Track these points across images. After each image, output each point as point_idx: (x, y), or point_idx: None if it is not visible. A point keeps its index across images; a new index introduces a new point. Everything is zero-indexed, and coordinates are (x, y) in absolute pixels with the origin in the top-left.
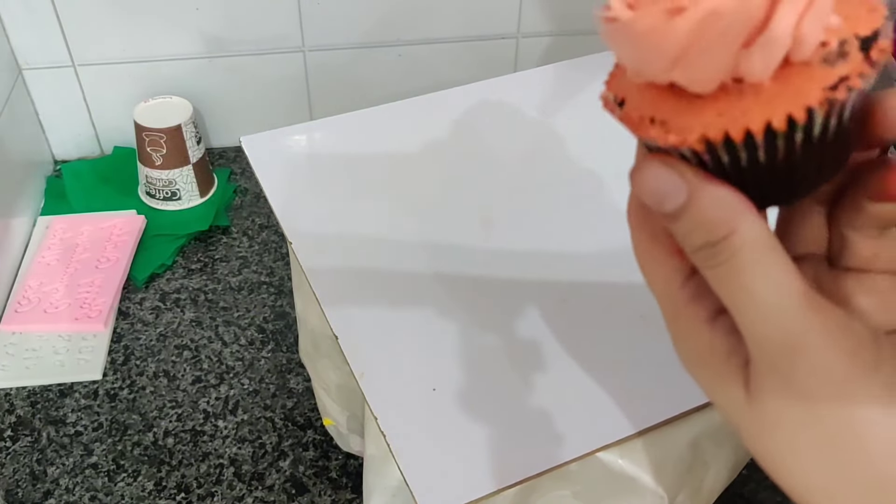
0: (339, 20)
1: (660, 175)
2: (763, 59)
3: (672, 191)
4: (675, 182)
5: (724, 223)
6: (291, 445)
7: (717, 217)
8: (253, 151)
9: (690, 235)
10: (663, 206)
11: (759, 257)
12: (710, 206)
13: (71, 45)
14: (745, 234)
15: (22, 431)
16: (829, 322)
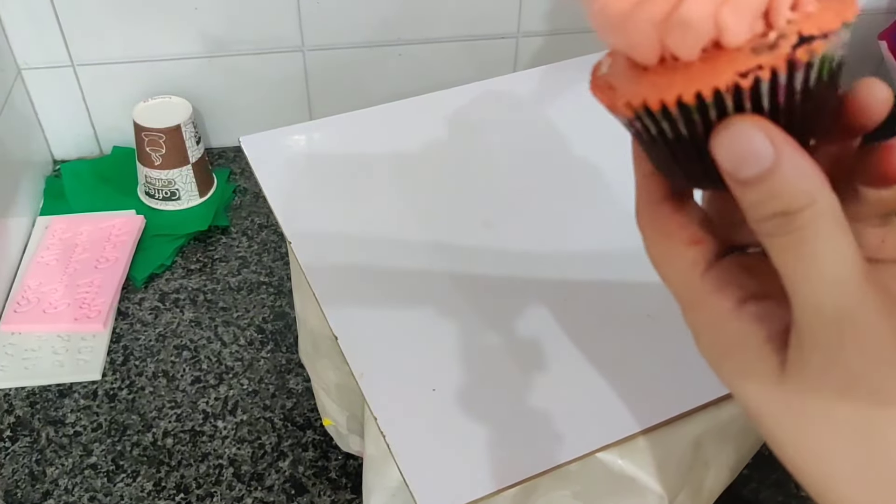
0: (338, 20)
1: (752, 136)
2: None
3: (760, 154)
4: (765, 146)
5: (806, 193)
6: (291, 446)
7: (800, 187)
8: (252, 151)
9: (766, 203)
10: (742, 170)
11: (831, 228)
12: (795, 176)
13: (70, 45)
14: (822, 205)
15: (21, 432)
16: (885, 299)
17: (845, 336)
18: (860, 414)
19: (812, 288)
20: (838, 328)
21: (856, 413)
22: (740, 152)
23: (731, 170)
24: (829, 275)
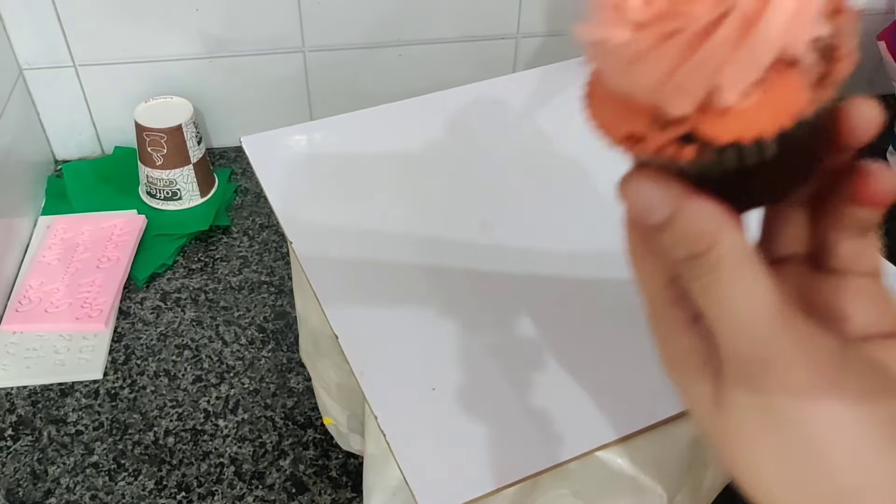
0: (339, 20)
1: (646, 189)
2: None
3: (657, 204)
4: (660, 196)
5: (707, 236)
6: (292, 444)
7: (700, 230)
8: (253, 151)
9: (675, 247)
10: (649, 219)
11: (739, 271)
12: (694, 220)
13: (72, 46)
14: (725, 248)
15: (23, 431)
16: (799, 336)
17: (764, 373)
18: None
19: (728, 330)
20: (758, 367)
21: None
22: (643, 201)
23: (640, 216)
24: (741, 317)
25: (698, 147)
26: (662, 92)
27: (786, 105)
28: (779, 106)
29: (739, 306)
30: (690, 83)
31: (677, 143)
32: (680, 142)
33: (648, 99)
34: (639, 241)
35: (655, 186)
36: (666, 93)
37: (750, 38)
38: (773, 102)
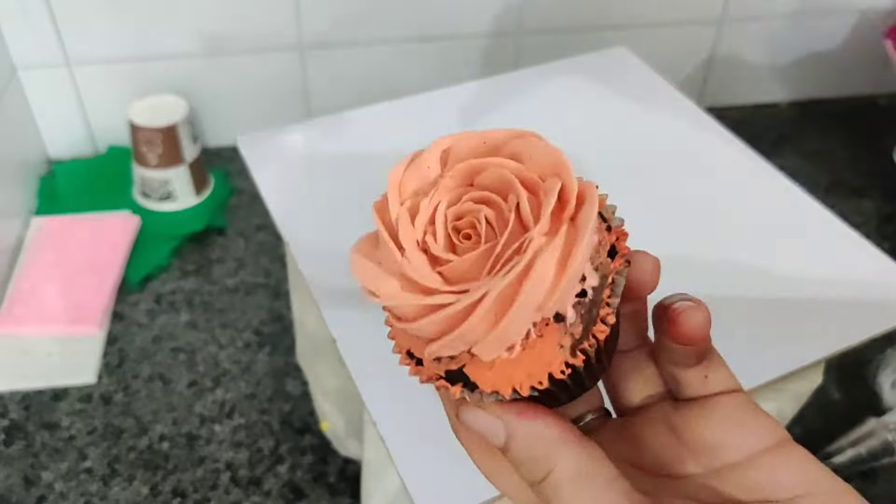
0: (336, 18)
1: (478, 417)
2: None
3: (493, 431)
4: (493, 423)
5: (542, 461)
6: (289, 450)
7: (534, 455)
8: (249, 151)
9: (520, 472)
10: (494, 444)
11: (580, 492)
12: (527, 445)
13: (65, 44)
14: (561, 472)
15: (15, 435)
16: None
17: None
18: None
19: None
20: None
21: None
22: (479, 429)
23: (487, 440)
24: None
25: (465, 387)
26: (427, 348)
27: (545, 362)
28: (538, 363)
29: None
30: (452, 348)
31: (449, 379)
32: (452, 378)
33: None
34: (486, 448)
35: (486, 413)
36: (430, 350)
37: (502, 323)
38: (533, 359)
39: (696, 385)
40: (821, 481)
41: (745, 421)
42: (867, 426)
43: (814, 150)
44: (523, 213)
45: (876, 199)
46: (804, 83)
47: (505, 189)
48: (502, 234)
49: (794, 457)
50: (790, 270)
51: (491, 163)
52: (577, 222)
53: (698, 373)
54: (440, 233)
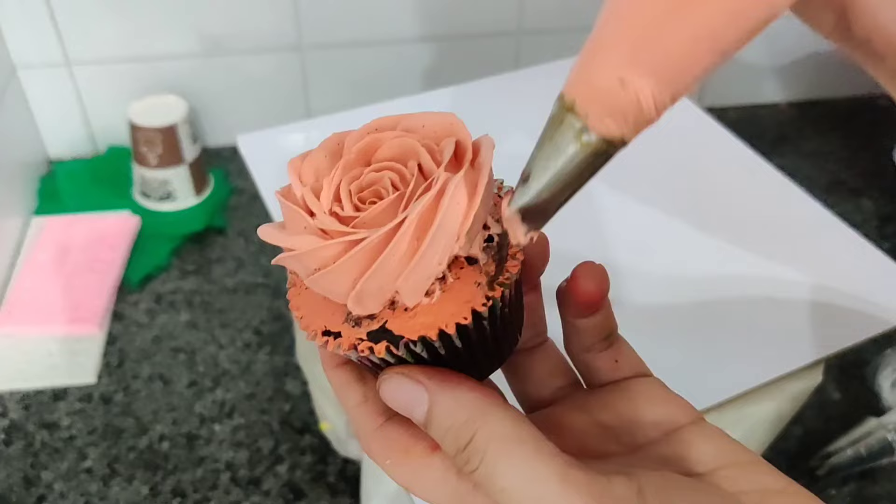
0: (336, 18)
1: (402, 385)
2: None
3: (416, 399)
4: (416, 390)
5: (466, 426)
6: (288, 450)
7: (456, 422)
8: (249, 151)
9: (443, 442)
10: (414, 416)
11: (507, 455)
12: (450, 410)
13: (65, 44)
14: (485, 434)
15: (15, 435)
16: (588, 498)
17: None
18: None
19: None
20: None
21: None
22: (401, 400)
23: (408, 416)
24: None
25: (389, 343)
26: (349, 296)
27: (465, 300)
28: (458, 302)
29: (519, 488)
30: (373, 290)
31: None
32: (375, 337)
33: (338, 300)
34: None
35: (409, 380)
36: (352, 297)
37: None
38: (453, 300)
39: (608, 370)
40: (737, 453)
41: (657, 400)
42: (867, 426)
43: (813, 150)
44: (426, 169)
45: (875, 199)
46: (804, 83)
47: (404, 156)
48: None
49: (710, 432)
50: (789, 270)
51: (385, 137)
52: (476, 164)
53: (609, 357)
54: (346, 202)
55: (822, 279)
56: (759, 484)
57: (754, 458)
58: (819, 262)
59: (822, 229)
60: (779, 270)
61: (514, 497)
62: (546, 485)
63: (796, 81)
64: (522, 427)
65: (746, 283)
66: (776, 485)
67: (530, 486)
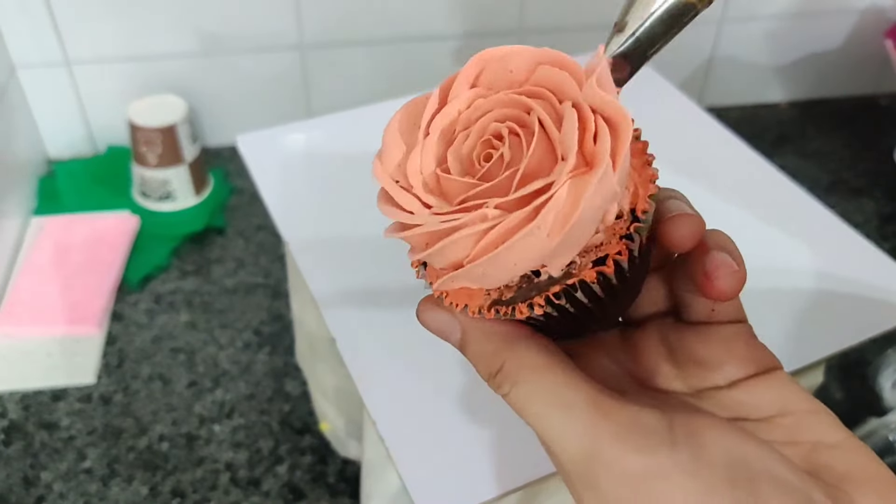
0: (336, 16)
1: (436, 316)
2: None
3: (449, 328)
4: (448, 320)
5: (494, 355)
6: (288, 450)
7: (487, 349)
8: (248, 151)
9: (476, 368)
10: (450, 341)
11: (537, 382)
12: (478, 340)
13: (65, 43)
14: (515, 363)
15: (15, 436)
16: (617, 426)
17: (595, 469)
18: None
19: (547, 440)
20: (586, 465)
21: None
22: (437, 327)
23: (444, 339)
24: (555, 425)
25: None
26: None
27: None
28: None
29: (549, 414)
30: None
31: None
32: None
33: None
34: None
35: (444, 312)
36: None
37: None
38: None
39: (703, 313)
40: (798, 402)
41: (738, 349)
42: (868, 426)
43: (814, 150)
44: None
45: (876, 198)
46: (804, 83)
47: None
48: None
49: (778, 381)
50: (790, 270)
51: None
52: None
53: (707, 303)
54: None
55: (822, 279)
56: (815, 435)
57: (817, 407)
58: (820, 262)
59: (823, 229)
60: (779, 270)
61: (545, 422)
62: (575, 410)
63: (798, 81)
64: (551, 356)
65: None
66: (831, 438)
67: (559, 411)
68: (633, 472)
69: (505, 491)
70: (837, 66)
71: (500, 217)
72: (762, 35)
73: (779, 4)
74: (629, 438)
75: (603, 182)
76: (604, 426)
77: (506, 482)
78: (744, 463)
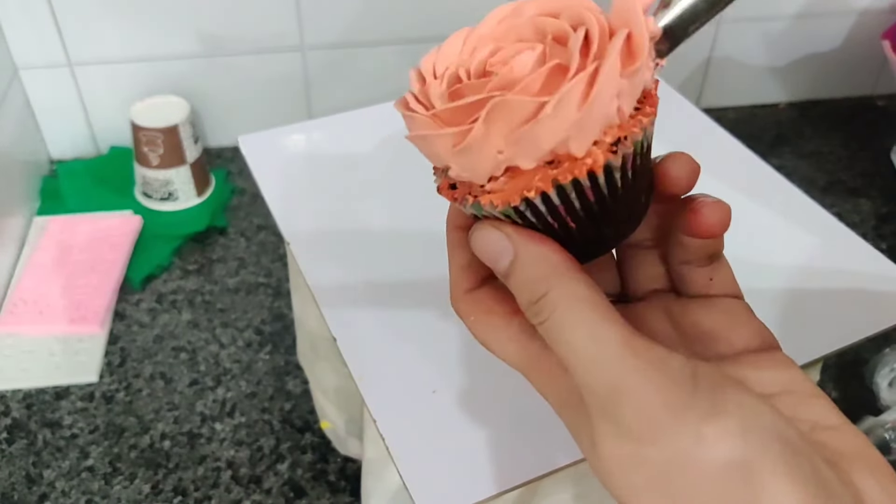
0: (337, 18)
1: (491, 236)
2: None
3: (502, 250)
4: (503, 242)
5: (542, 281)
6: (289, 448)
7: (535, 275)
8: (250, 151)
9: (519, 294)
10: (497, 266)
11: (576, 312)
12: (531, 265)
13: (67, 45)
14: (560, 291)
15: (17, 434)
16: (645, 363)
17: (619, 405)
18: (656, 468)
19: (577, 367)
20: (610, 400)
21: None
22: (489, 250)
23: (491, 265)
24: (586, 356)
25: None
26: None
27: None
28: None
29: (582, 345)
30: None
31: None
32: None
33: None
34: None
35: (499, 232)
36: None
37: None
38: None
39: (701, 284)
40: (800, 383)
41: (740, 321)
42: (864, 425)
43: (812, 151)
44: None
45: (874, 199)
46: (802, 84)
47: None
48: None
49: (779, 360)
50: (787, 270)
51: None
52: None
53: (705, 273)
54: None
55: (819, 279)
56: (813, 416)
57: (816, 391)
58: (817, 261)
59: (820, 229)
60: (776, 269)
61: (576, 351)
62: (607, 344)
63: (795, 82)
64: (594, 292)
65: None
66: (829, 421)
67: (592, 343)
68: (652, 410)
69: (504, 489)
70: (835, 67)
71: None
72: (760, 36)
73: (776, 5)
74: (654, 378)
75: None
76: (632, 363)
77: (505, 480)
78: (758, 419)
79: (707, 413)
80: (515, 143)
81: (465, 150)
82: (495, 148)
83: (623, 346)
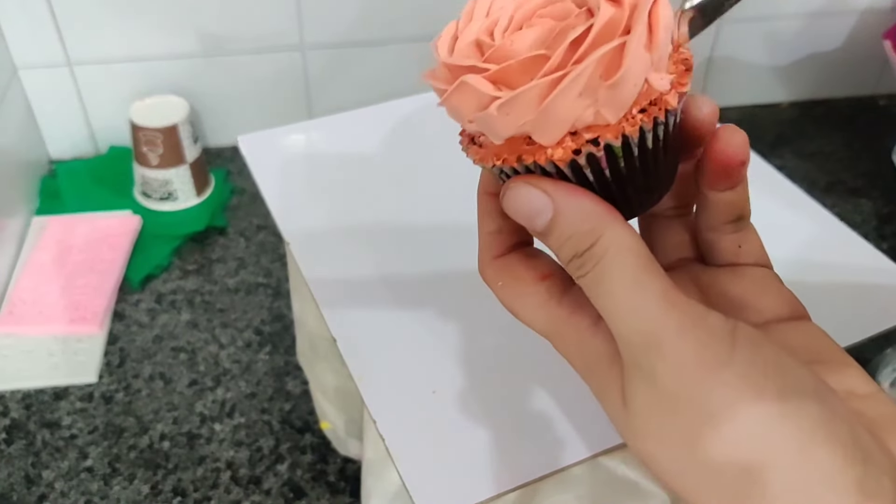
0: (337, 18)
1: (528, 193)
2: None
3: (540, 207)
4: (541, 199)
5: (589, 234)
6: (289, 449)
7: (582, 229)
8: (249, 151)
9: (562, 249)
10: (534, 224)
11: (621, 261)
12: (575, 219)
13: (66, 44)
14: (607, 242)
15: (16, 434)
16: (684, 317)
17: (654, 357)
18: (687, 422)
19: (615, 320)
20: (646, 352)
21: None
22: (525, 208)
23: (526, 224)
24: (626, 306)
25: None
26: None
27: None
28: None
29: (623, 294)
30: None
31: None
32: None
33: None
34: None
35: (536, 189)
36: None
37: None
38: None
39: (730, 253)
40: (832, 352)
41: (769, 289)
42: None
43: (813, 151)
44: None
45: (875, 199)
46: (804, 83)
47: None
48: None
49: (809, 329)
50: (788, 270)
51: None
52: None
53: (733, 241)
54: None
55: (820, 279)
56: (846, 385)
57: (848, 360)
58: (818, 262)
59: (822, 229)
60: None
61: (616, 301)
62: (648, 296)
63: (797, 82)
64: (640, 243)
65: None
66: (862, 389)
67: (633, 294)
68: (688, 365)
69: (504, 490)
70: (837, 67)
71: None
72: (761, 36)
73: (778, 5)
74: (692, 333)
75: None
76: (671, 315)
77: (505, 481)
78: (796, 380)
79: (744, 373)
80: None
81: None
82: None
83: (663, 299)
